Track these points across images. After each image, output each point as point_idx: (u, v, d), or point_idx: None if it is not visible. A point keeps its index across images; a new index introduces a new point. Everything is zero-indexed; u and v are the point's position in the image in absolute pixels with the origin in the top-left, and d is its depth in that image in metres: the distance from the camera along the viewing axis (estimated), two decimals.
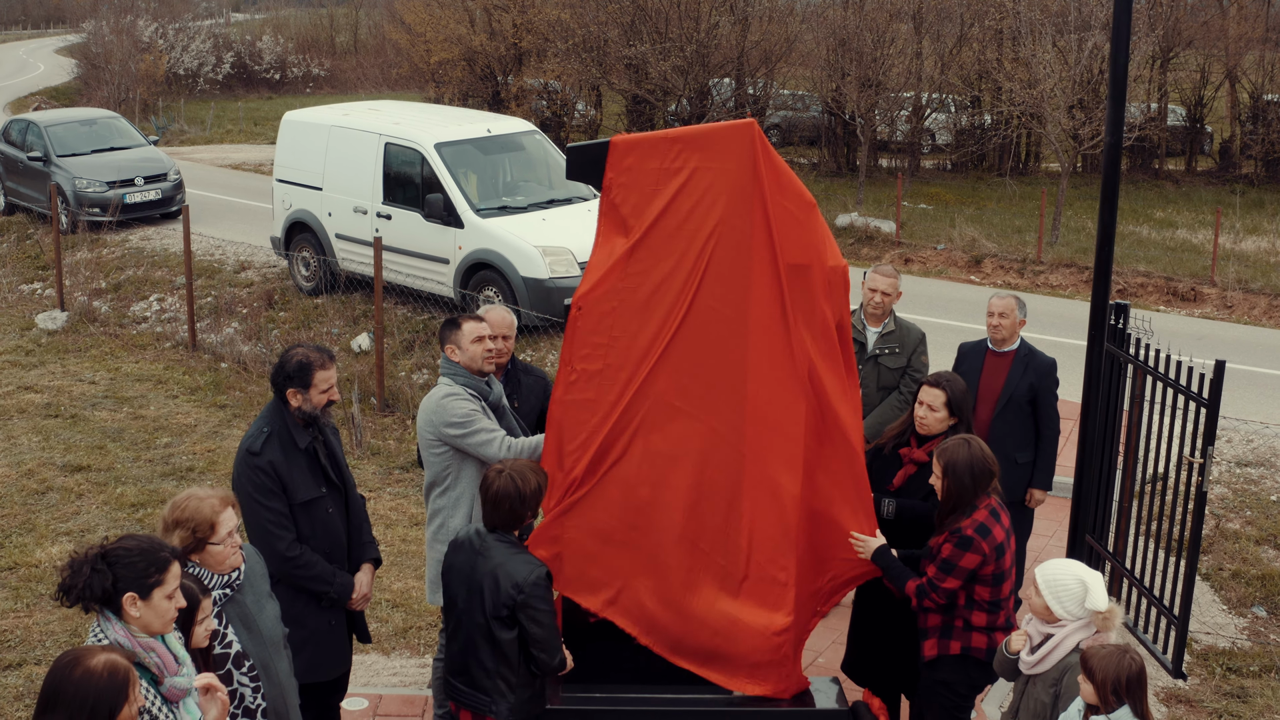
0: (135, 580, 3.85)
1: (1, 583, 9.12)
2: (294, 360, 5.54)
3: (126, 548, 3.91)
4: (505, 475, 5.14)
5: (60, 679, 3.50)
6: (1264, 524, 9.94)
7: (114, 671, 3.50)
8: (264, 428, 5.52)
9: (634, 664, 5.72)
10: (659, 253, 5.38)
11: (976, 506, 5.56)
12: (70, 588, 3.85)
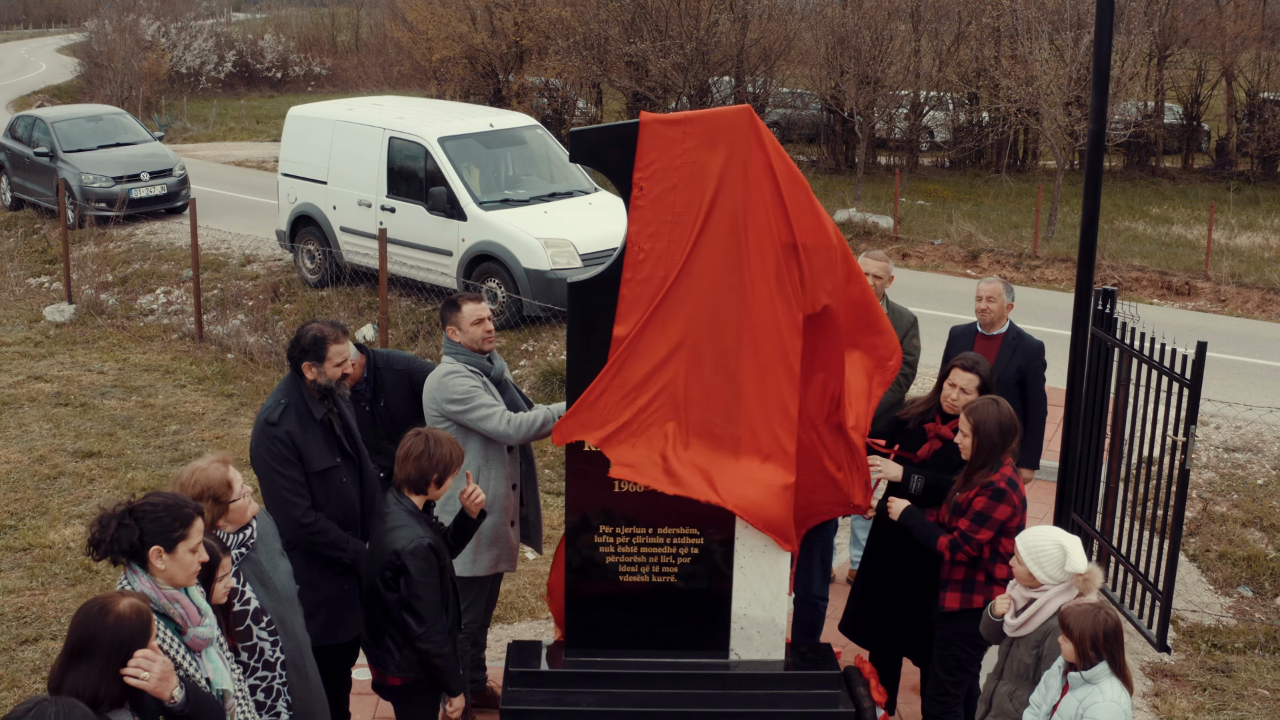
0: (161, 534, 4.07)
1: (16, 563, 9.34)
2: (309, 335, 5.78)
3: (152, 504, 4.13)
4: (421, 436, 5.35)
5: (93, 626, 3.70)
6: (1250, 507, 10.16)
7: (140, 613, 3.72)
8: (281, 399, 5.76)
9: (634, 631, 5.94)
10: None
11: (1002, 463, 5.81)
12: (99, 542, 4.07)
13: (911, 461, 6.42)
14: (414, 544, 5.19)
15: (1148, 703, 7.71)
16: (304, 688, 5.07)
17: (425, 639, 5.18)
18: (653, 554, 5.86)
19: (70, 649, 3.72)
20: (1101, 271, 20.74)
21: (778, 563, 5.89)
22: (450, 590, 5.40)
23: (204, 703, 3.96)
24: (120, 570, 4.18)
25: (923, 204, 27.32)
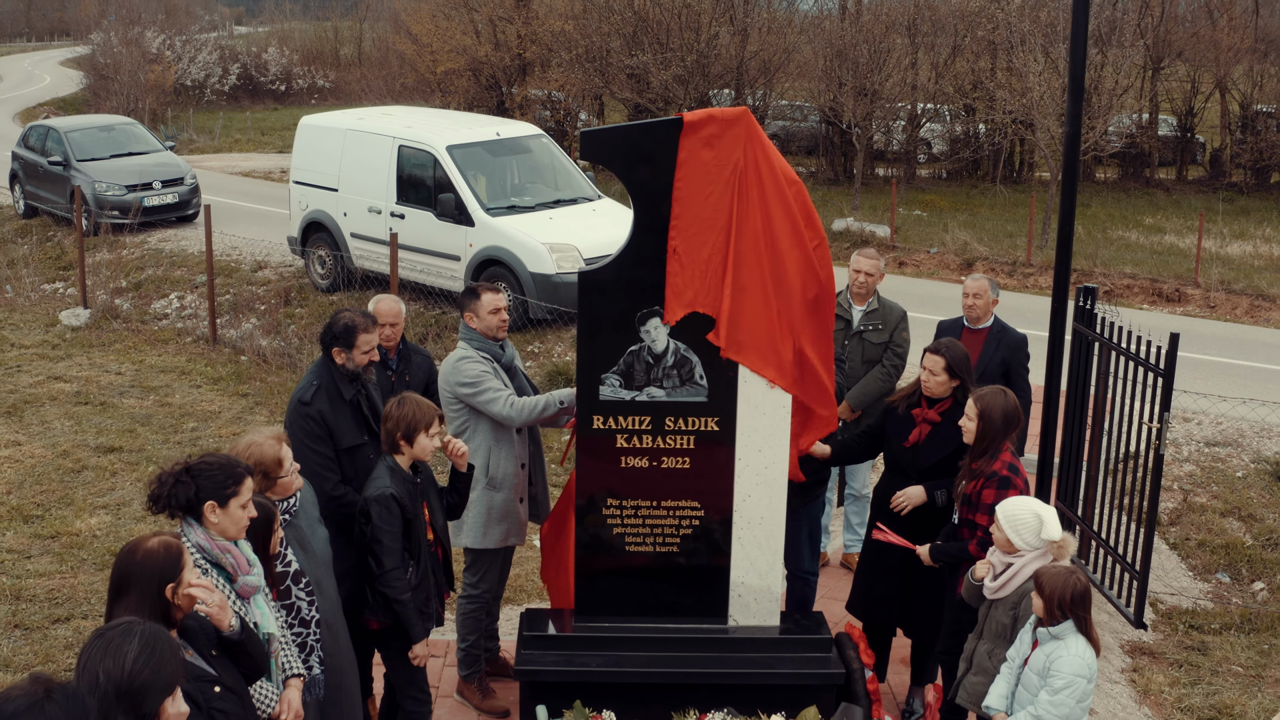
0: (215, 490, 4.49)
1: (45, 549, 9.75)
2: (340, 323, 6.22)
3: (207, 463, 4.55)
4: (394, 400, 5.81)
5: (127, 565, 4.10)
6: (1229, 498, 10.57)
7: (169, 547, 4.12)
8: (313, 381, 6.20)
9: (639, 598, 6.35)
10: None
11: (1002, 450, 6.19)
12: (158, 497, 4.48)
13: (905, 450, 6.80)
14: (378, 491, 5.65)
15: (1126, 677, 8.12)
16: (335, 645, 5.48)
17: (384, 582, 5.60)
18: (656, 526, 6.28)
19: (112, 589, 4.12)
20: (1094, 278, 21.18)
21: (773, 534, 6.31)
22: (419, 545, 5.78)
23: (253, 638, 4.37)
24: (177, 524, 4.60)
25: (919, 214, 27.78)
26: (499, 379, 6.70)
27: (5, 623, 8.55)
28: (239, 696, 4.21)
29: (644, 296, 6.09)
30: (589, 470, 6.29)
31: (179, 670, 3.59)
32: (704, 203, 5.98)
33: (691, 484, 6.23)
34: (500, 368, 6.78)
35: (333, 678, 5.42)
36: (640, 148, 6.10)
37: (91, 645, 3.57)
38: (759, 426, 6.18)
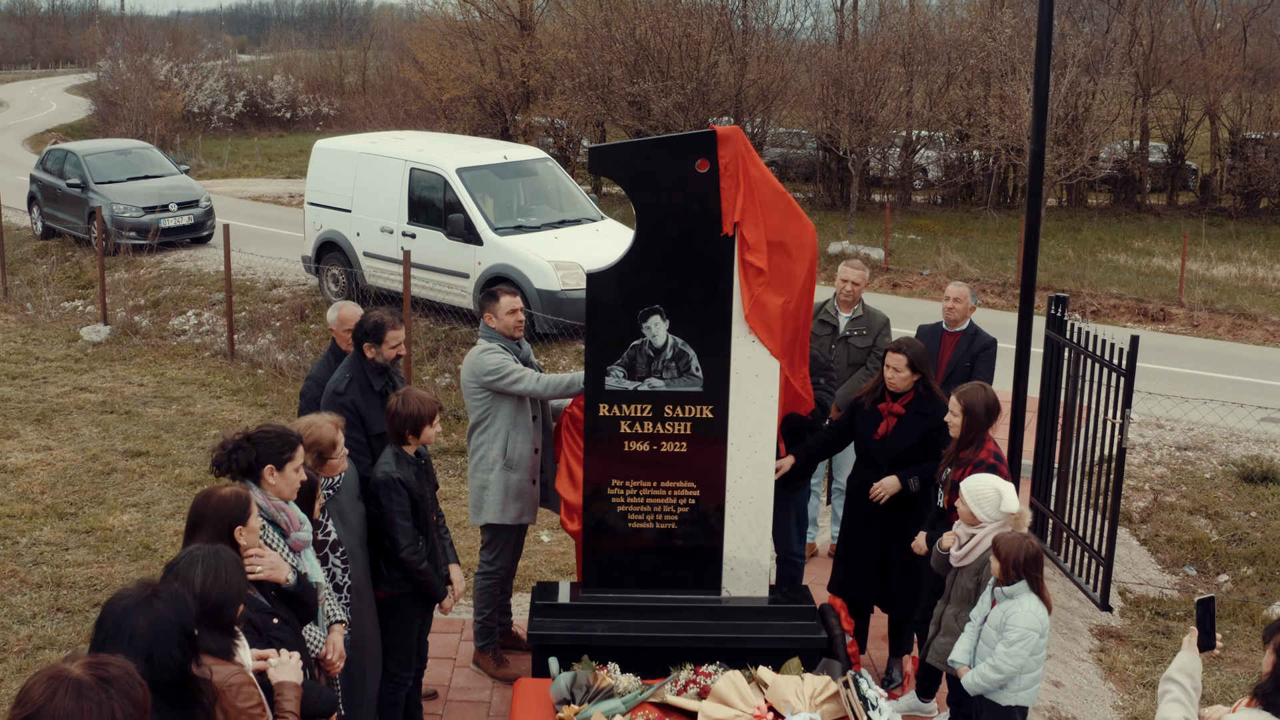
0: (273, 455, 5.12)
1: (81, 542, 10.36)
2: (371, 320, 6.89)
3: (266, 432, 5.18)
4: (397, 397, 6.37)
5: (201, 506, 4.72)
6: (1197, 497, 11.20)
7: (238, 495, 4.74)
8: (346, 374, 6.85)
9: (640, 571, 6.97)
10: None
11: (985, 440, 6.82)
12: (222, 461, 5.12)
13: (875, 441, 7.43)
14: (383, 476, 6.22)
15: (1093, 656, 8.73)
16: (364, 610, 6.10)
17: (404, 554, 6.18)
18: (656, 505, 6.90)
19: (187, 529, 4.73)
20: (1081, 299, 21.86)
21: (762, 513, 6.93)
22: (427, 521, 6.37)
23: (307, 588, 5.00)
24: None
25: (914, 238, 28.46)
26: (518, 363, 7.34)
27: (48, 606, 9.16)
28: (293, 630, 4.83)
29: (645, 296, 6.73)
30: (595, 453, 6.92)
31: (244, 579, 4.21)
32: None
33: (688, 466, 6.86)
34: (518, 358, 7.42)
35: (357, 639, 6.03)
36: (643, 163, 6.76)
37: (165, 576, 4.17)
38: (749, 414, 6.82)
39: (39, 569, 9.78)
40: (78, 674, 2.96)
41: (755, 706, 5.77)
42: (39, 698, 2.90)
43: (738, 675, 5.92)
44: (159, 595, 3.67)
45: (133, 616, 3.58)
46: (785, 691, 5.83)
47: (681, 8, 31.99)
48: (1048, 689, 7.93)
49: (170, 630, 3.56)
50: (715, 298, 6.73)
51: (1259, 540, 10.57)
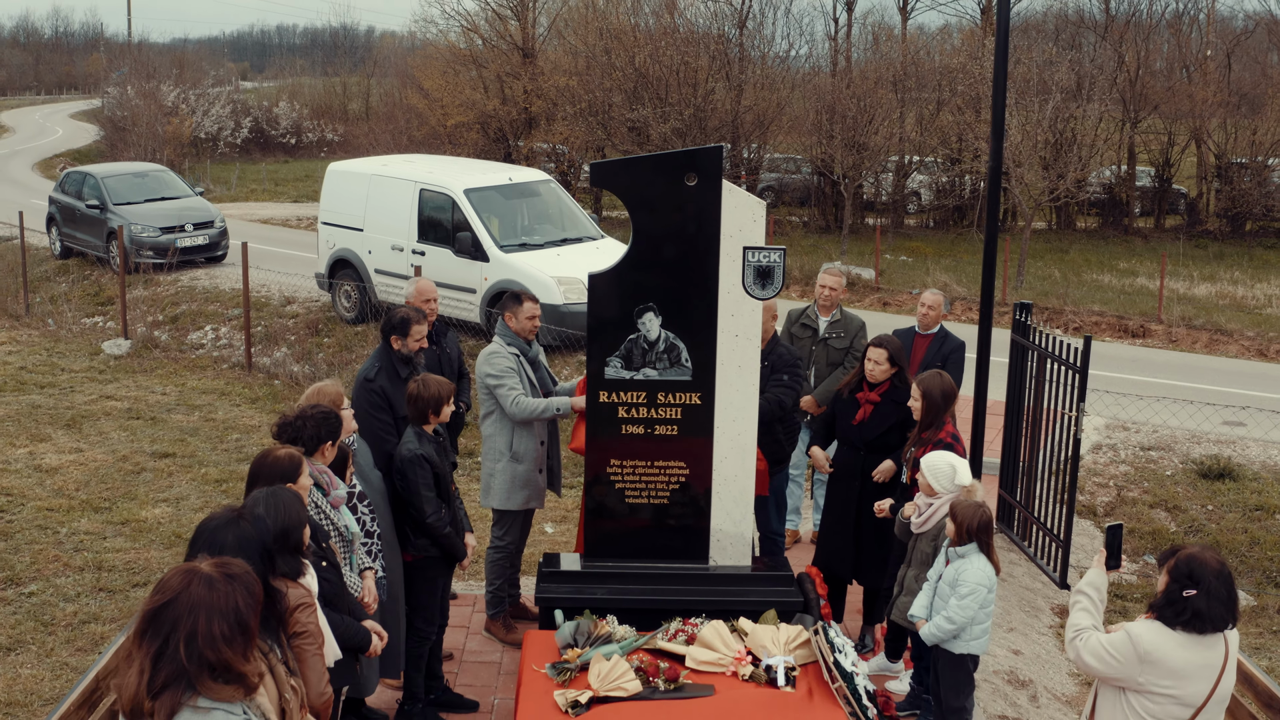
0: (330, 434, 5.94)
1: (118, 532, 11.13)
2: (398, 316, 7.72)
3: (324, 412, 5.98)
4: (417, 382, 7.12)
5: (258, 463, 5.49)
6: (1158, 492, 11.99)
7: (291, 455, 5.52)
8: (375, 363, 7.68)
9: (636, 542, 7.75)
10: None
11: (944, 422, 7.61)
12: (285, 434, 5.91)
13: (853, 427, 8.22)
14: (408, 454, 6.97)
15: (1053, 631, 9.49)
16: (393, 558, 6.89)
17: (430, 521, 6.93)
18: (650, 482, 7.68)
19: (247, 484, 5.51)
20: (1064, 315, 22.69)
21: (745, 489, 7.72)
22: (447, 491, 7.13)
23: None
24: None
25: (905, 259, 29.32)
26: (520, 375, 8.14)
27: (92, 587, 9.94)
28: (338, 571, 5.63)
29: (640, 295, 7.52)
30: (596, 436, 7.71)
31: (304, 511, 4.99)
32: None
33: (679, 448, 7.65)
34: (526, 362, 8.23)
35: (393, 590, 6.82)
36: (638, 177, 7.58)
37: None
38: (733, 401, 7.61)
39: (80, 555, 10.56)
40: (207, 570, 3.72)
41: (736, 651, 6.56)
42: (176, 587, 3.67)
43: (721, 624, 6.71)
44: (244, 517, 4.46)
45: (222, 534, 4.36)
46: (763, 638, 6.62)
47: (680, 36, 32.96)
48: (1008, 656, 8.71)
49: (253, 545, 4.35)
50: (703, 297, 7.53)
51: (1214, 530, 11.36)
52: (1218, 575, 4.80)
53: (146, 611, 3.65)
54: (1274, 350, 20.80)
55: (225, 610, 3.63)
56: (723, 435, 7.66)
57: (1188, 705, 4.77)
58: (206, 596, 3.63)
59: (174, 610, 3.62)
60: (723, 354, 7.59)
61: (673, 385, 7.61)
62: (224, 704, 3.61)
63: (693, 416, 7.65)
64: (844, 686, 6.30)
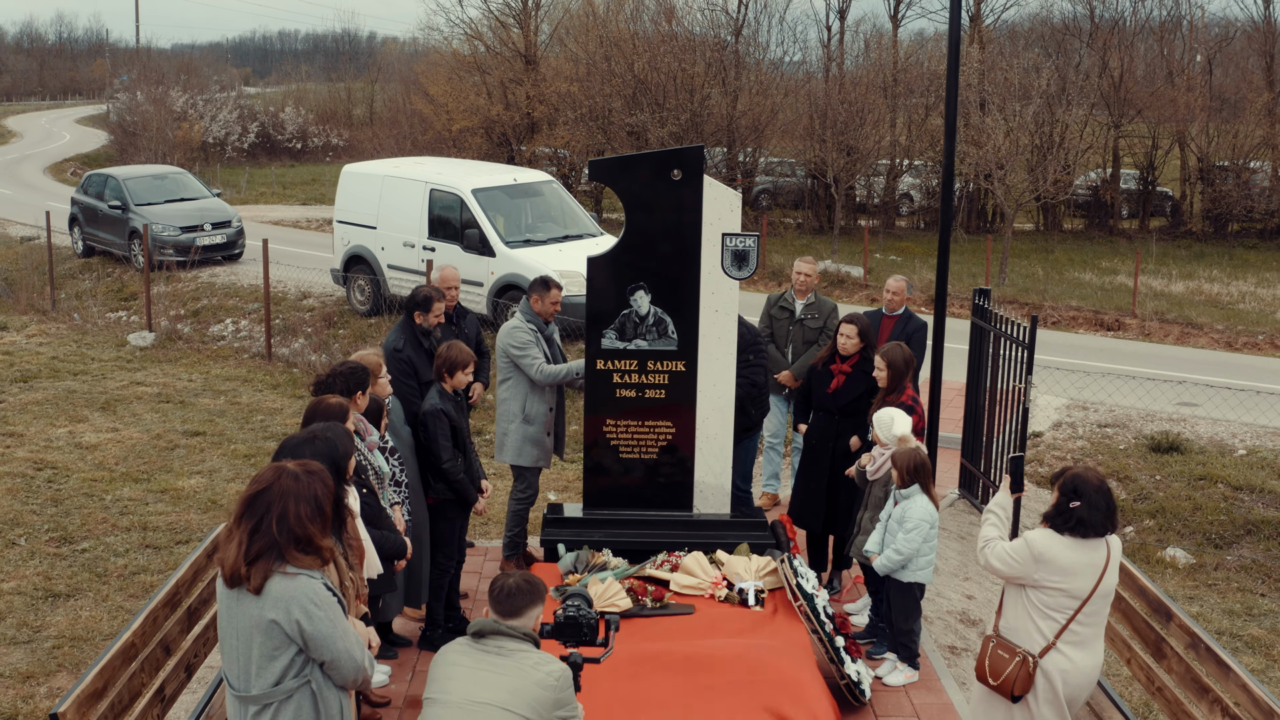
0: (360, 384, 7.00)
1: (159, 499, 12.19)
2: (421, 294, 8.81)
3: (351, 367, 7.03)
4: (447, 345, 8.15)
5: (314, 409, 6.51)
6: (1111, 464, 13.05)
7: (340, 403, 6.53)
8: (400, 335, 8.77)
9: (629, 492, 8.81)
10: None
11: (905, 388, 8.66)
12: (328, 383, 6.96)
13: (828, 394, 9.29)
14: (429, 407, 8.00)
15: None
16: (417, 503, 7.95)
17: (446, 465, 7.97)
18: (642, 438, 8.75)
19: (302, 424, 6.54)
20: (1043, 310, 23.76)
21: (725, 446, 8.79)
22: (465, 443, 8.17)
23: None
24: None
25: (894, 259, 30.40)
26: (539, 348, 9.22)
27: (139, 544, 11.00)
28: (375, 497, 6.71)
29: (632, 275, 8.60)
30: (594, 399, 8.78)
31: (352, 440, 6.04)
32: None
33: (666, 409, 8.72)
34: (542, 338, 9.31)
35: (417, 530, 7.89)
36: (631, 172, 8.66)
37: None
38: (714, 368, 8.68)
39: (125, 518, 11.63)
40: (293, 468, 4.77)
41: (713, 577, 7.63)
42: (268, 479, 4.71)
43: (700, 555, 7.79)
44: (318, 436, 5.54)
45: (302, 449, 5.43)
46: (736, 567, 7.69)
47: (677, 44, 34.04)
48: (962, 600, 9.77)
49: (325, 457, 5.41)
50: (686, 277, 8.61)
51: (1160, 498, 12.42)
52: (1098, 490, 5.87)
53: (245, 498, 4.71)
54: (1241, 342, 21.88)
55: (308, 496, 4.69)
56: (704, 398, 8.74)
57: (1075, 597, 5.83)
58: (293, 486, 4.69)
59: (267, 496, 4.67)
60: (704, 327, 8.66)
61: (661, 354, 8.69)
62: (305, 570, 4.67)
63: (678, 382, 8.73)
64: (805, 605, 7.36)
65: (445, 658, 5.01)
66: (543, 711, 4.81)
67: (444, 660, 5.01)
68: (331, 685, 4.79)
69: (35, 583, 10.11)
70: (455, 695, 4.85)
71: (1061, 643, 5.86)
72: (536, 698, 4.81)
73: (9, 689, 8.42)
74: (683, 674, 6.61)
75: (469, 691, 4.84)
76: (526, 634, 4.99)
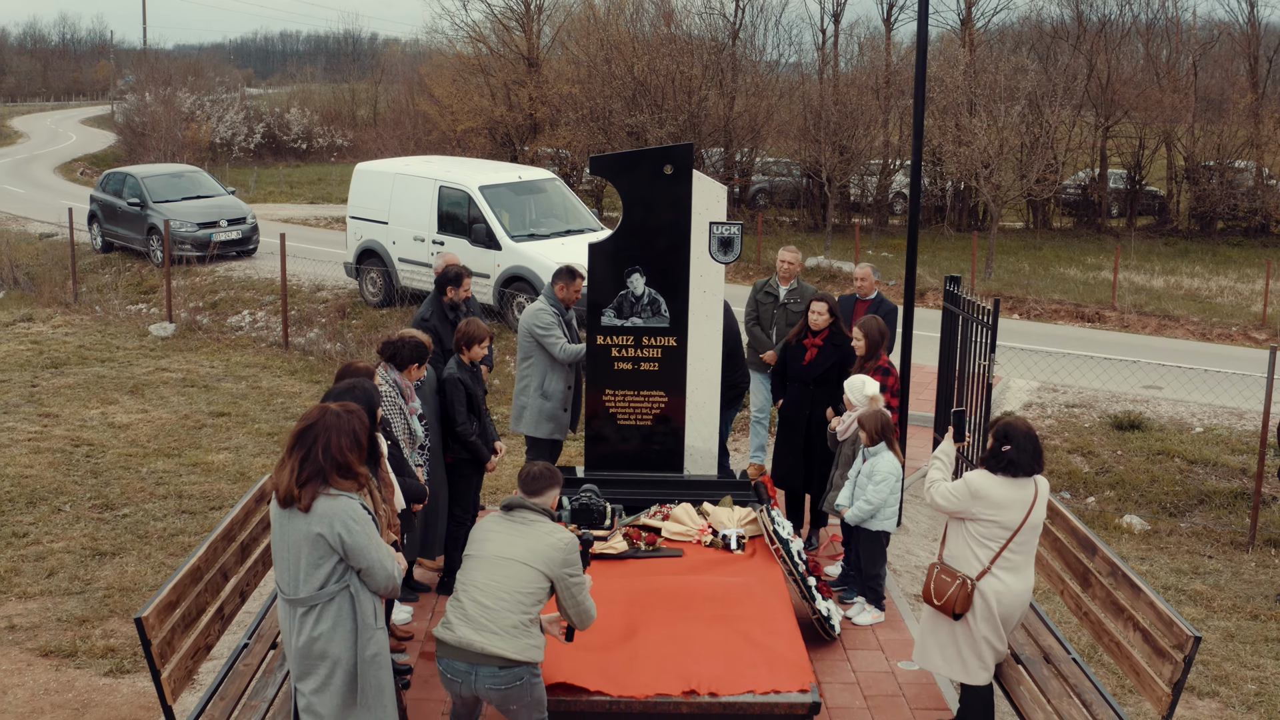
0: (419, 358, 7.96)
1: (190, 471, 13.15)
2: (452, 271, 9.82)
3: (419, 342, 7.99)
4: (466, 321, 9.10)
5: (345, 368, 7.45)
6: (1076, 440, 14.01)
7: (368, 366, 7.48)
8: (430, 309, 9.78)
9: (626, 456, 9.77)
10: None
11: (880, 356, 9.62)
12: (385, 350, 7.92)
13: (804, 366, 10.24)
14: (447, 374, 8.94)
15: None
16: (436, 464, 8.91)
17: (459, 428, 8.92)
18: (638, 407, 9.71)
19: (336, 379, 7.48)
20: (1026, 305, 24.72)
21: (712, 414, 9.73)
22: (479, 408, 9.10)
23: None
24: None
25: (886, 255, 31.36)
26: (561, 329, 10.18)
27: (175, 510, 11.95)
28: (399, 448, 7.68)
29: (629, 259, 9.56)
30: (595, 371, 9.74)
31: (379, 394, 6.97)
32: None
33: (659, 380, 9.68)
34: (563, 320, 10.26)
35: (434, 489, 8.84)
36: (628, 167, 9.62)
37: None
38: (701, 343, 9.64)
39: (161, 487, 12.59)
40: (335, 408, 5.72)
41: (700, 525, 8.60)
42: (315, 416, 5.66)
43: (689, 506, 8.76)
44: (356, 387, 6.50)
45: (343, 395, 6.39)
46: (720, 516, 8.66)
47: (676, 46, 35.01)
48: (931, 556, 10.71)
49: (363, 401, 6.37)
50: (678, 261, 9.57)
51: (1120, 471, 13.37)
52: (1025, 435, 6.83)
53: (296, 432, 5.66)
54: (1215, 333, 22.84)
55: (348, 430, 5.64)
56: (693, 370, 9.70)
57: (1007, 528, 6.78)
58: (335, 421, 5.64)
59: (314, 430, 5.63)
60: (693, 306, 9.62)
61: (654, 331, 9.65)
62: (346, 492, 5.62)
63: (670, 355, 9.68)
64: (780, 549, 8.32)
65: (482, 525, 6.27)
66: (553, 568, 6.03)
67: (481, 528, 6.27)
68: (366, 591, 5.74)
69: (82, 543, 11.06)
70: (487, 552, 6.10)
71: (996, 568, 6.81)
72: (548, 557, 6.04)
73: (67, 631, 9.37)
74: (671, 604, 7.57)
75: (498, 549, 6.08)
76: (545, 510, 6.21)
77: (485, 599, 6.03)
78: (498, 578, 6.04)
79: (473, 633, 5.99)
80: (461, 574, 6.22)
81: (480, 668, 6.00)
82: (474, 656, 6.00)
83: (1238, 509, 12.68)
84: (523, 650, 6.00)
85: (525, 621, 6.02)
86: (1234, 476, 13.20)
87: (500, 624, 5.98)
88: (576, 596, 6.19)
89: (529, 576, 6.02)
